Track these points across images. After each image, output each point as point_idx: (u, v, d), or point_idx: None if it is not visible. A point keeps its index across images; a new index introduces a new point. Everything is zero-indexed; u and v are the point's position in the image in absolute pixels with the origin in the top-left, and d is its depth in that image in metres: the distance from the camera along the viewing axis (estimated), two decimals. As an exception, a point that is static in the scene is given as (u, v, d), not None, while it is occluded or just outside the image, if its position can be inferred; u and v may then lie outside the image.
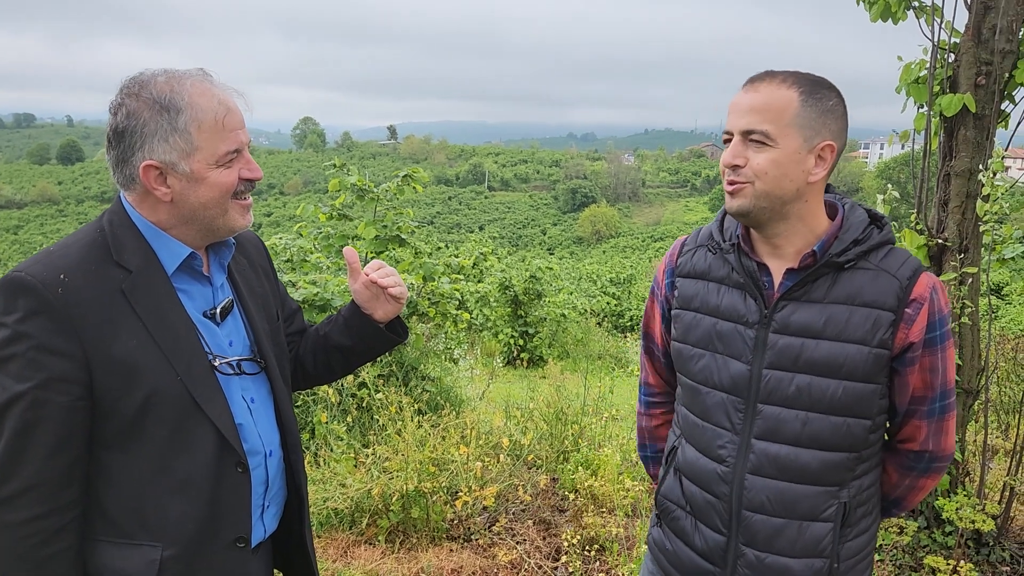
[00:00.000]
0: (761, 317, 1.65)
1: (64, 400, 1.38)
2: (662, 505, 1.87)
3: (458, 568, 3.80)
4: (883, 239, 1.63)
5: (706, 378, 1.73)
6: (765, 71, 1.61)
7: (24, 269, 1.40)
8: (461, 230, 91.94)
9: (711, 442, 1.72)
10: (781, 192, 1.58)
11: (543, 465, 4.95)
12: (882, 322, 1.57)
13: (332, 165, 5.99)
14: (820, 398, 1.59)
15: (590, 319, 18.72)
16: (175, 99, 1.45)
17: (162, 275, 1.51)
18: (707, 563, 1.74)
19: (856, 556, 1.71)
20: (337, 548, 3.98)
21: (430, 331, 6.81)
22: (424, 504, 4.15)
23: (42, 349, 1.37)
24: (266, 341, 1.69)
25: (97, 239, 1.49)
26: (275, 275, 1.91)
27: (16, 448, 1.37)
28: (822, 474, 1.62)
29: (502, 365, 12.44)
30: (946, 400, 1.67)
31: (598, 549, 3.96)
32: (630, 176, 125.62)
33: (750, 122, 1.57)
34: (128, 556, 1.47)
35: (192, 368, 1.49)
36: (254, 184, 1.57)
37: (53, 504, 1.39)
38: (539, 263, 15.45)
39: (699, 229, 1.87)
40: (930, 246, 3.65)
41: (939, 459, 1.73)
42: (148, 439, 1.46)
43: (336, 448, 4.75)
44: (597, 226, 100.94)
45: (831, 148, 1.59)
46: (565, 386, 5.96)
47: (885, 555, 3.59)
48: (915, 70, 3.82)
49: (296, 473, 1.74)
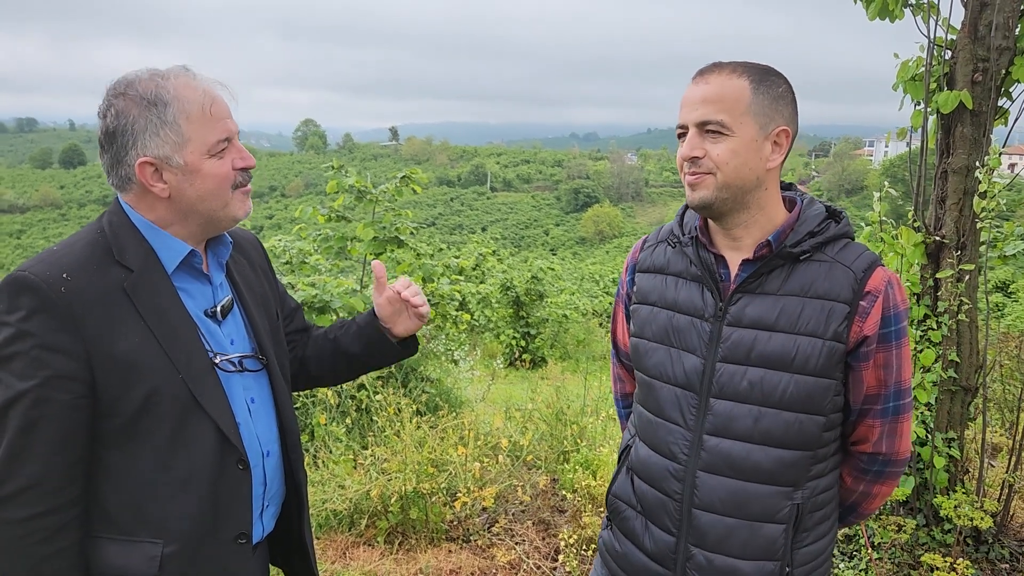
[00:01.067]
0: (716, 310, 1.64)
1: (66, 398, 1.39)
2: (612, 505, 1.84)
3: (456, 569, 3.80)
4: (840, 232, 1.62)
5: (661, 372, 1.70)
6: (713, 63, 1.61)
7: (27, 268, 1.41)
8: (463, 231, 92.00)
9: (664, 438, 1.69)
10: (742, 181, 1.57)
11: (543, 466, 4.95)
12: (836, 314, 1.55)
13: (330, 167, 5.99)
14: (772, 393, 1.57)
15: (592, 320, 18.72)
16: (161, 94, 1.46)
17: (163, 274, 1.52)
18: (657, 565, 1.70)
19: (812, 562, 1.67)
20: (336, 549, 3.98)
21: (430, 332, 6.80)
22: (423, 505, 4.14)
23: (45, 347, 1.38)
24: (267, 339, 1.70)
25: (98, 239, 1.50)
26: (274, 274, 1.92)
27: (19, 446, 1.37)
28: (775, 473, 1.59)
29: (503, 366, 12.44)
30: (900, 400, 1.64)
31: (595, 549, 3.96)
32: (633, 176, 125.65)
33: (705, 113, 1.56)
34: (129, 553, 1.47)
35: (193, 366, 1.50)
36: (249, 173, 1.58)
37: (55, 502, 1.40)
38: (540, 264, 15.46)
39: (661, 226, 1.86)
40: (927, 243, 3.64)
41: (892, 463, 1.70)
42: (149, 437, 1.47)
43: (335, 450, 4.75)
44: (600, 226, 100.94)
45: (786, 133, 1.59)
46: (565, 387, 5.96)
47: (883, 553, 3.58)
48: (912, 67, 3.81)
49: (295, 473, 1.75)
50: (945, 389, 3.65)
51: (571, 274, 28.07)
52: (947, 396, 3.67)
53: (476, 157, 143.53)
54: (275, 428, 1.70)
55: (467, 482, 4.28)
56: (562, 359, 14.47)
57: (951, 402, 3.68)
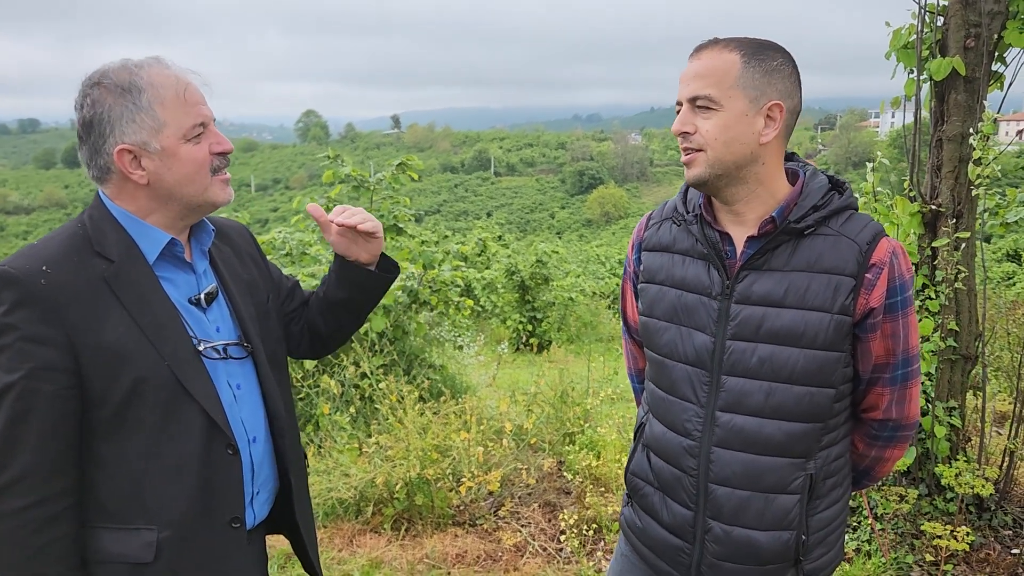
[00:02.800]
0: (723, 288, 1.65)
1: (52, 388, 1.41)
2: (631, 483, 1.87)
3: (462, 552, 3.82)
4: (843, 204, 1.62)
5: (671, 351, 1.72)
6: (711, 39, 1.61)
7: (7, 263, 1.43)
8: (468, 217, 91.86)
9: (677, 416, 1.71)
10: (733, 156, 1.57)
11: (548, 448, 4.96)
12: (843, 288, 1.56)
13: (326, 157, 5.99)
14: (782, 368, 1.58)
15: (599, 302, 18.69)
16: (135, 80, 1.48)
17: (144, 264, 1.53)
18: (676, 538, 1.73)
19: (826, 528, 1.70)
20: (343, 537, 4.02)
21: (433, 319, 6.81)
22: (428, 491, 4.17)
23: (28, 339, 1.39)
24: (252, 327, 1.71)
25: (78, 231, 1.52)
26: (264, 260, 1.92)
27: (8, 438, 1.40)
28: (788, 445, 1.61)
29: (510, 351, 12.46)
30: (909, 367, 1.66)
31: (596, 529, 3.98)
32: (638, 155, 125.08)
33: (694, 88, 1.57)
34: (125, 540, 1.49)
35: (178, 353, 1.51)
36: (227, 158, 1.59)
37: (46, 493, 1.42)
38: (545, 247, 15.41)
39: (665, 202, 1.86)
40: (924, 212, 3.62)
41: (903, 427, 1.73)
42: (138, 425, 1.48)
43: (339, 439, 4.77)
44: (606, 207, 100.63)
45: (779, 107, 1.58)
46: (570, 369, 5.97)
47: (886, 524, 3.58)
48: (904, 35, 3.77)
49: (283, 459, 1.75)
50: (945, 358, 3.64)
51: (577, 256, 28.02)
52: (947, 365, 3.66)
53: (479, 142, 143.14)
54: (262, 414, 1.71)
55: (471, 467, 4.30)
56: (569, 342, 14.47)
57: (951, 371, 3.67)
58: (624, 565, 1.93)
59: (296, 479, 1.79)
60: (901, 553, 3.47)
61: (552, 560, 3.76)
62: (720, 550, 1.67)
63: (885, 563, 3.42)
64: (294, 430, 1.81)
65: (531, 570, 3.66)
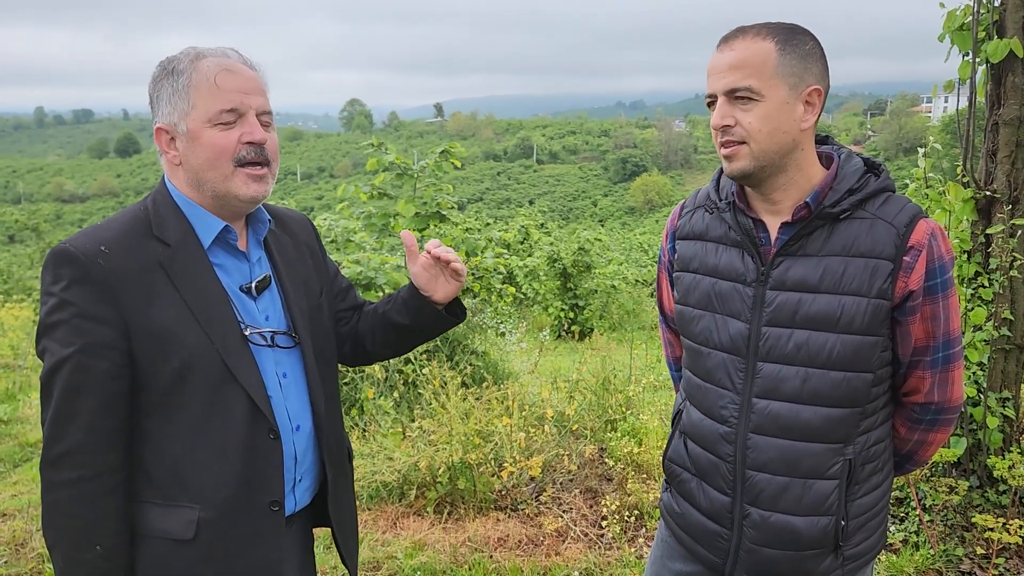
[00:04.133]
0: (758, 274, 1.63)
1: (104, 366, 1.46)
2: (669, 469, 1.87)
3: (504, 536, 3.85)
4: (880, 186, 1.59)
5: (707, 338, 1.71)
6: (736, 28, 1.59)
7: (69, 242, 1.49)
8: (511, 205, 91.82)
9: (714, 403, 1.70)
10: (777, 146, 1.55)
11: (589, 435, 4.97)
12: (880, 271, 1.54)
13: (370, 145, 6.04)
14: (819, 353, 1.57)
15: (642, 289, 18.59)
16: (179, 65, 1.53)
17: (199, 249, 1.57)
18: (714, 524, 1.73)
19: (866, 513, 1.68)
20: (386, 519, 4.08)
21: (476, 306, 6.85)
22: (470, 475, 4.21)
23: (84, 316, 1.44)
24: (302, 318, 1.72)
25: (139, 215, 1.57)
26: (323, 253, 1.93)
27: (63, 410, 1.45)
28: (825, 431, 1.59)
29: (551, 339, 12.46)
30: (950, 349, 1.63)
31: (637, 515, 3.98)
32: (681, 143, 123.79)
33: (732, 80, 1.54)
34: (169, 517, 1.54)
35: (226, 337, 1.54)
36: (263, 151, 1.57)
37: (96, 467, 1.47)
38: (587, 235, 15.36)
39: (698, 190, 1.85)
40: (977, 198, 3.53)
41: (946, 411, 1.69)
42: (184, 405, 1.52)
43: (383, 423, 4.84)
44: (649, 195, 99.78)
45: (818, 92, 1.56)
46: (612, 356, 5.96)
47: (935, 515, 3.52)
48: (960, 16, 3.67)
49: (322, 449, 1.76)
50: (998, 348, 3.55)
51: (619, 244, 27.88)
52: (1000, 355, 3.57)
53: (522, 130, 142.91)
54: (306, 404, 1.72)
55: (513, 452, 4.33)
56: (611, 330, 14.43)
57: (1005, 361, 3.58)
58: (664, 550, 1.94)
59: (334, 474, 1.79)
60: (951, 545, 3.41)
61: (594, 546, 3.78)
62: (758, 535, 1.66)
63: (934, 555, 3.36)
64: (335, 426, 1.81)
65: (572, 555, 3.68)
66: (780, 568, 1.67)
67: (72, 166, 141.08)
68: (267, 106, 1.58)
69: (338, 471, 1.80)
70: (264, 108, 1.57)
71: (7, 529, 4.17)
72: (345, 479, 1.85)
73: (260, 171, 1.57)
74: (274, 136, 1.61)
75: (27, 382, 8.01)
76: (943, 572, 3.31)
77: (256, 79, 1.58)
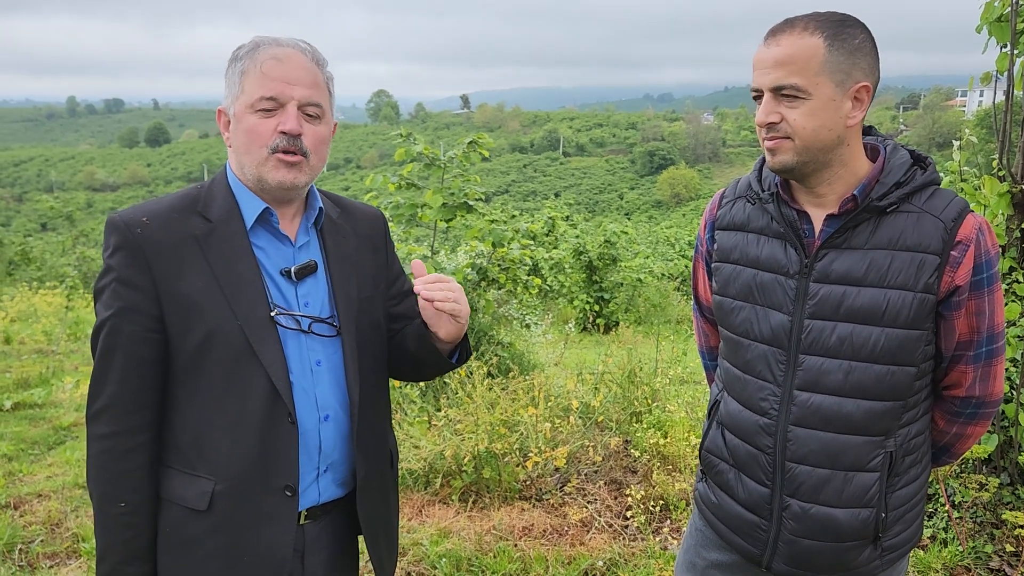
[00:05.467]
0: (802, 267, 1.63)
1: (134, 329, 1.54)
2: (706, 460, 1.87)
3: (529, 526, 3.88)
4: (927, 180, 1.58)
5: (747, 330, 1.71)
6: (785, 20, 1.56)
7: (119, 212, 1.59)
8: (537, 198, 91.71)
9: (753, 394, 1.70)
10: (823, 143, 1.54)
11: (614, 427, 4.97)
12: (927, 266, 1.53)
13: (399, 135, 6.07)
14: (862, 347, 1.56)
15: (668, 283, 18.51)
16: (242, 52, 1.59)
17: (240, 228, 1.61)
18: (752, 515, 1.73)
19: (905, 505, 1.68)
20: (412, 507, 4.12)
21: (501, 297, 6.86)
22: (496, 465, 4.23)
23: (121, 281, 1.54)
24: (348, 308, 1.70)
25: (192, 192, 1.65)
26: (389, 252, 1.90)
27: (100, 368, 1.56)
28: (867, 424, 1.59)
29: (576, 331, 12.46)
30: (994, 344, 1.62)
31: (663, 506, 3.98)
32: (710, 136, 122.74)
33: (778, 77, 1.52)
34: (189, 485, 1.59)
35: (252, 315, 1.57)
36: (297, 142, 1.57)
37: (125, 425, 1.55)
38: (613, 227, 15.32)
39: (738, 180, 1.84)
40: (1014, 193, 3.48)
41: (986, 404, 1.69)
42: (206, 376, 1.57)
43: (410, 412, 4.88)
44: (676, 188, 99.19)
45: (866, 88, 1.54)
46: (637, 349, 5.95)
47: (964, 512, 3.48)
48: (998, 7, 3.61)
49: (355, 444, 1.72)
50: (1032, 344, 3.50)
51: (646, 238, 27.75)
52: (1034, 352, 3.51)
53: (549, 122, 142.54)
54: (340, 395, 1.70)
55: (538, 442, 4.35)
56: (637, 323, 14.39)
57: (1039, 358, 3.53)
58: (699, 539, 1.94)
59: (366, 472, 1.74)
60: (980, 542, 3.38)
61: (618, 536, 3.79)
62: (798, 527, 1.66)
63: (963, 552, 3.33)
64: (374, 424, 1.77)
65: (597, 545, 3.69)
66: (819, 559, 1.67)
67: (103, 155, 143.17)
68: (315, 98, 1.59)
69: (372, 470, 1.76)
70: (309, 99, 1.58)
71: (43, 509, 4.27)
72: (381, 480, 1.81)
73: (293, 158, 1.58)
74: (320, 129, 1.62)
75: (60, 367, 8.17)
76: (972, 569, 3.29)
77: (310, 70, 1.59)
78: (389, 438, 1.88)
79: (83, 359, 8.86)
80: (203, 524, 1.58)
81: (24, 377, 7.43)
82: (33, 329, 10.59)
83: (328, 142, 1.67)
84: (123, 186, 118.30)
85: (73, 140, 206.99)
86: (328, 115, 1.65)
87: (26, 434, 5.82)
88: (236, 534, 1.60)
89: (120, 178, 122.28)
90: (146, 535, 1.59)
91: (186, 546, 1.60)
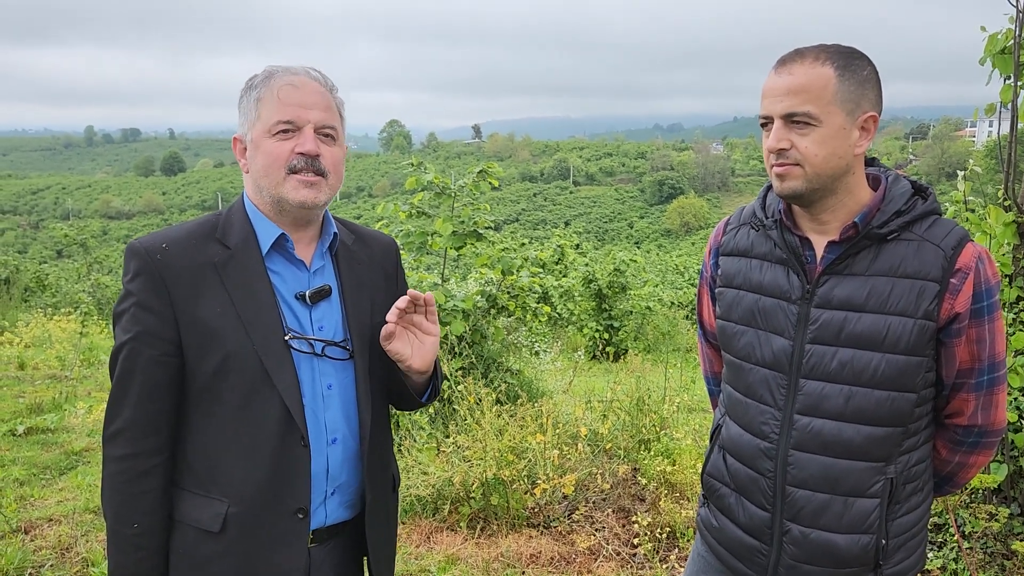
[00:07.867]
0: (803, 292, 1.65)
1: (152, 353, 1.57)
2: (708, 484, 1.89)
3: (536, 553, 3.87)
4: (927, 209, 1.61)
5: (748, 354, 1.74)
6: (794, 50, 1.60)
7: (139, 239, 1.63)
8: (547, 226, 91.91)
9: (754, 418, 1.72)
10: (831, 170, 1.58)
11: (623, 455, 4.97)
12: (927, 293, 1.56)
13: (410, 164, 6.15)
14: (863, 372, 1.58)
15: (677, 311, 18.49)
16: (256, 80, 1.65)
17: (256, 254, 1.65)
18: (752, 539, 1.74)
19: (907, 533, 1.69)
20: (420, 534, 4.12)
21: (511, 325, 6.89)
22: (504, 491, 4.24)
23: (140, 306, 1.57)
24: (361, 333, 1.74)
25: (211, 220, 1.69)
26: (399, 279, 1.93)
27: (118, 391, 1.59)
28: (867, 449, 1.61)
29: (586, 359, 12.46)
30: (995, 373, 1.64)
31: (670, 534, 3.97)
32: (719, 165, 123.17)
33: (790, 105, 1.56)
34: (202, 507, 1.62)
35: (268, 340, 1.60)
36: (315, 163, 1.62)
37: (140, 447, 1.58)
38: (623, 256, 15.36)
39: (742, 207, 1.87)
40: (1019, 222, 3.50)
41: (988, 434, 1.70)
42: (222, 400, 1.60)
43: (419, 438, 4.89)
44: (685, 218, 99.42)
45: (873, 119, 1.59)
46: (646, 377, 5.95)
47: (974, 542, 3.46)
48: (1001, 40, 3.65)
49: (363, 468, 1.74)
50: (1041, 373, 3.50)
51: (655, 266, 27.77)
52: (1043, 381, 3.51)
53: (558, 152, 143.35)
54: (349, 419, 1.73)
55: (547, 469, 4.35)
56: (646, 351, 14.37)
57: (1047, 387, 3.52)
58: (701, 565, 1.95)
59: (373, 497, 1.77)
60: (990, 573, 3.35)
61: (626, 564, 3.78)
62: (798, 552, 1.67)
63: (972, 583, 3.31)
64: (380, 449, 1.80)
65: (604, 573, 3.69)
66: None
67: (119, 183, 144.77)
68: (330, 121, 1.64)
69: (378, 494, 1.79)
70: (325, 123, 1.63)
71: (53, 534, 4.29)
72: (384, 505, 1.84)
73: (312, 178, 1.62)
74: (336, 150, 1.67)
75: (73, 392, 8.22)
76: (982, 600, 3.26)
77: (322, 95, 1.65)
78: (392, 463, 1.91)
79: (96, 385, 8.91)
80: (216, 546, 1.61)
81: (37, 402, 7.48)
82: (47, 355, 10.65)
83: (343, 163, 1.73)
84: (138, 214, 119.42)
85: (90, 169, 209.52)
86: (341, 138, 1.71)
87: (38, 459, 5.85)
88: (248, 556, 1.62)
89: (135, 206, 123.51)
90: (157, 556, 1.62)
91: (198, 567, 1.62)
